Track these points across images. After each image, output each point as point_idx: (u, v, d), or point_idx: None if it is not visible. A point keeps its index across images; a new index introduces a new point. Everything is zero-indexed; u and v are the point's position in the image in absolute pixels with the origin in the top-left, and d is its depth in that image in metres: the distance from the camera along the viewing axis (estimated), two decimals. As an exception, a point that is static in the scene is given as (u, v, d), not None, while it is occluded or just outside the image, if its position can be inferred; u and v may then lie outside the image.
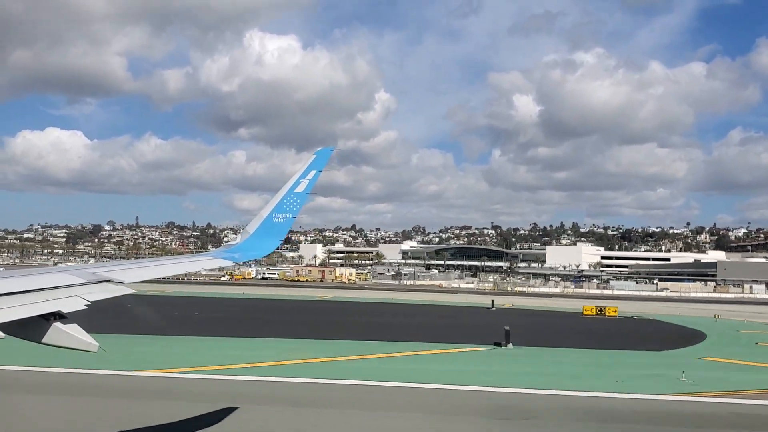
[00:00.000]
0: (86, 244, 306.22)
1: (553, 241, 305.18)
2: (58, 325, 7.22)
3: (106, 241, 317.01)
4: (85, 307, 7.39)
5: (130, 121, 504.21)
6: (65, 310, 7.25)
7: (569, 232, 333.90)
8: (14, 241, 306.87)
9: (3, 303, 6.81)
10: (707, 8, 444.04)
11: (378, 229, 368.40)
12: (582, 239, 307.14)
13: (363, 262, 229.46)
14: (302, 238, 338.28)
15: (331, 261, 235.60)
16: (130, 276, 7.75)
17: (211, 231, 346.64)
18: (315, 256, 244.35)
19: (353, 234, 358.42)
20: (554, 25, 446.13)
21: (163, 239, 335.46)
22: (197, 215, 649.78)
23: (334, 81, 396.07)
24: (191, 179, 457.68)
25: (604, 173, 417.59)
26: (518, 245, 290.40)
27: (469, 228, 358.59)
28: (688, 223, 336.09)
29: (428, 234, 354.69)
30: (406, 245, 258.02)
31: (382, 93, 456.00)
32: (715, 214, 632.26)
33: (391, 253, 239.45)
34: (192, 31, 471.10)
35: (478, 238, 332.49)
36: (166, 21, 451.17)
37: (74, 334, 7.25)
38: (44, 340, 7.19)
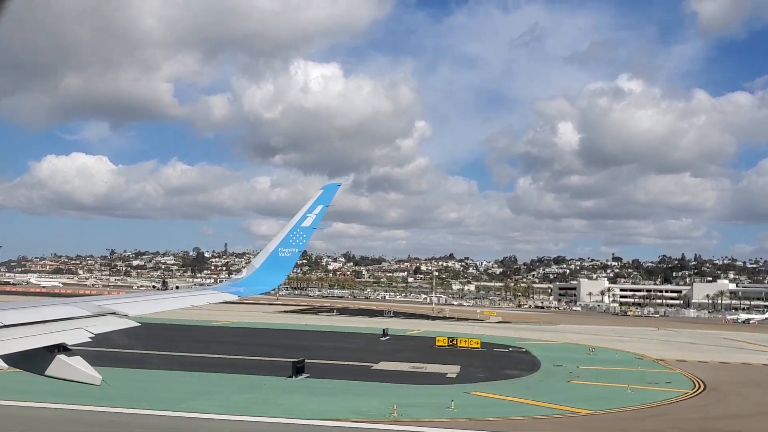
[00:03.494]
0: (206, 272, 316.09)
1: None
2: (61, 357, 7.22)
3: (223, 268, 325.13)
4: (89, 340, 7.38)
5: (160, 147, 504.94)
6: (69, 342, 7.25)
7: (708, 266, 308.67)
8: (123, 267, 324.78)
9: (7, 334, 6.90)
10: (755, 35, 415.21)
11: (466, 259, 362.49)
12: (731, 271, 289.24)
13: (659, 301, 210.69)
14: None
15: (622, 299, 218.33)
16: (135, 309, 7.70)
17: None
18: (608, 289, 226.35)
19: (463, 264, 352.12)
20: (600, 55, 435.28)
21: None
22: (215, 241, 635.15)
23: (374, 108, 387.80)
24: (215, 204, 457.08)
25: (633, 202, 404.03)
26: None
27: (566, 260, 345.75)
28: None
29: (518, 264, 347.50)
30: (726, 283, 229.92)
31: (417, 121, 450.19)
32: (734, 244, 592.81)
33: (703, 292, 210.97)
34: (242, 57, 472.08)
35: (600, 271, 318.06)
36: (219, 48, 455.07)
37: (78, 366, 7.22)
38: (47, 372, 7.20)
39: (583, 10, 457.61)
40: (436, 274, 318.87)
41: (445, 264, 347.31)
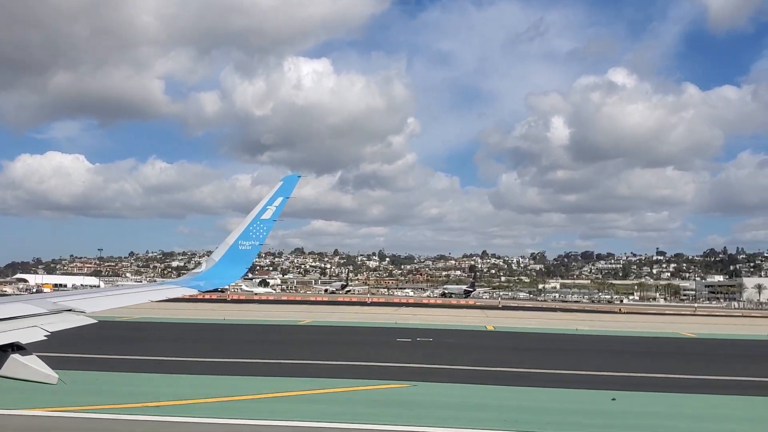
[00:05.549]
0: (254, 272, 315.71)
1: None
2: (15, 356, 6.99)
3: (271, 268, 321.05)
4: (45, 338, 7.16)
5: (141, 145, 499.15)
6: (24, 341, 7.02)
7: (760, 258, 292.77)
8: (162, 268, 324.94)
9: (-43, 334, 6.71)
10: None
11: (494, 255, 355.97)
12: None
13: None
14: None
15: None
16: (92, 305, 7.46)
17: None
18: None
19: (499, 261, 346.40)
20: (583, 50, 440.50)
21: (325, 266, 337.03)
22: (189, 240, 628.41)
23: (367, 105, 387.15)
24: (194, 202, 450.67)
25: (615, 196, 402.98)
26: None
27: (594, 255, 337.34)
28: None
29: (548, 261, 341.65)
30: None
31: (406, 117, 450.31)
32: (706, 236, 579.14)
33: None
34: (236, 54, 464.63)
35: (654, 267, 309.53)
36: (214, 44, 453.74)
37: (33, 365, 6.99)
38: (1, 372, 7.01)
39: (558, 6, 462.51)
40: (493, 271, 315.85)
41: (488, 262, 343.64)
